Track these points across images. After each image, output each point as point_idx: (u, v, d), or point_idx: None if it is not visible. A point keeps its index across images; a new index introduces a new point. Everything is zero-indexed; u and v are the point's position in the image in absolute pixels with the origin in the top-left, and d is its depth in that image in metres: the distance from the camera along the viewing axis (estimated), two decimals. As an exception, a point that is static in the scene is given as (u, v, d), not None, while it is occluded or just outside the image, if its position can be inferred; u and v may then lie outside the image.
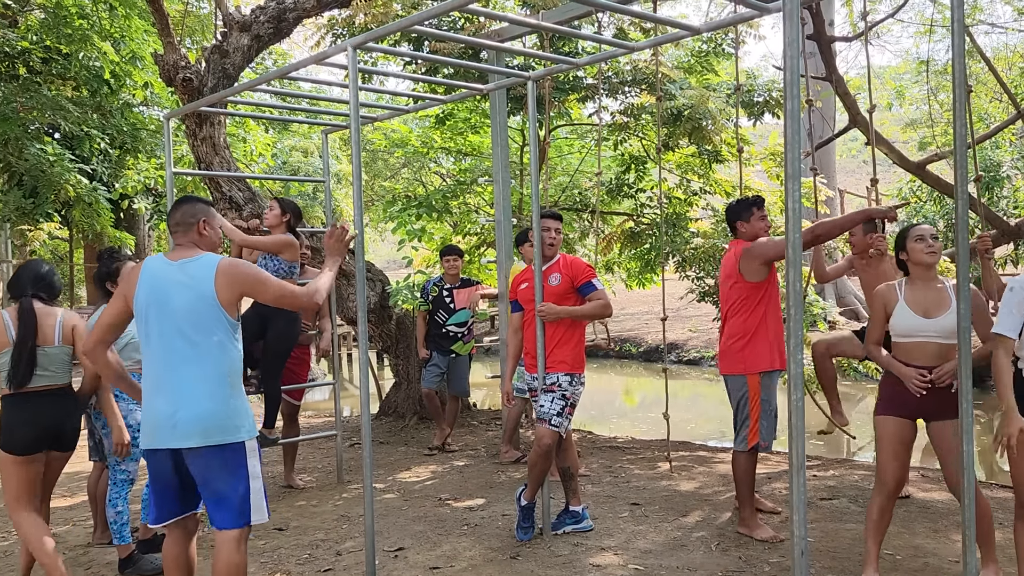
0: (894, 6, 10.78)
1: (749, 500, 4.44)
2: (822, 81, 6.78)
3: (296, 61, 4.37)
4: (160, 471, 3.06)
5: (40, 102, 9.98)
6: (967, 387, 2.89)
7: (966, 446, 2.90)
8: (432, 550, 4.37)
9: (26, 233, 18.14)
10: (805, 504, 2.54)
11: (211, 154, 6.93)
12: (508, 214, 6.92)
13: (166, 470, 3.04)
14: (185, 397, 2.98)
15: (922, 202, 14.92)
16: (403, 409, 8.30)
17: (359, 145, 3.93)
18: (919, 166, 6.80)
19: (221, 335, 3.03)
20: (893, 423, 3.57)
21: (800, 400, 2.53)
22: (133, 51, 10.76)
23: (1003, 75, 12.30)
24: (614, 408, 12.43)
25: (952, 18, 2.86)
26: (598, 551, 4.26)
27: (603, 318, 4.47)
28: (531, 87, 4.58)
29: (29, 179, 10.53)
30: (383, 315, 7.98)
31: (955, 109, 2.86)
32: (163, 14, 7.01)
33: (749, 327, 4.35)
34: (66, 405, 3.92)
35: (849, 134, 7.32)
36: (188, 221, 3.19)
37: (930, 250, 3.53)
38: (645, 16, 5.71)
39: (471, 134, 10.49)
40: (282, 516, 5.15)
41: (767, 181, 9.16)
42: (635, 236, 9.17)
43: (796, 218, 2.52)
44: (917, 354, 3.52)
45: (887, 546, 4.13)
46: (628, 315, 19.15)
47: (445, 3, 3.67)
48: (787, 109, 2.52)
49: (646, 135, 9.01)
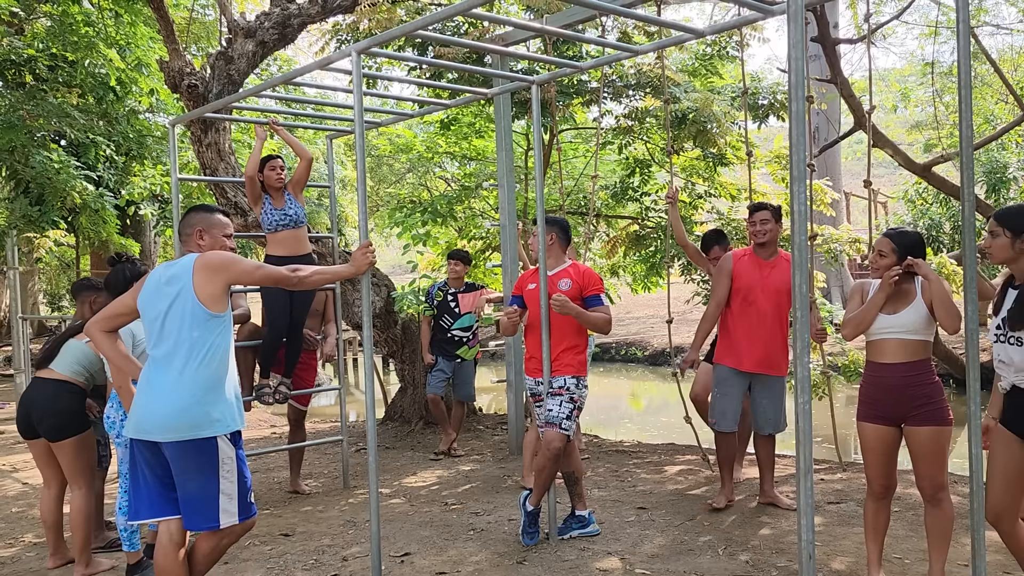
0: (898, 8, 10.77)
1: (724, 472, 5.11)
2: (827, 83, 6.77)
3: (301, 67, 4.38)
4: (135, 462, 3.18)
5: (46, 110, 10.01)
6: (975, 389, 2.88)
7: (974, 448, 2.88)
8: (438, 555, 4.36)
9: (32, 240, 18.20)
10: (812, 508, 2.52)
11: (216, 160, 6.95)
12: (513, 218, 6.92)
13: (141, 462, 3.15)
14: (163, 391, 3.09)
15: (928, 204, 14.88)
16: (409, 414, 8.30)
17: (363, 150, 3.93)
18: (925, 168, 6.78)
19: (201, 331, 3.13)
20: (872, 430, 3.57)
21: (807, 404, 2.52)
22: (139, 58, 10.79)
23: (1009, 76, 12.27)
24: (620, 412, 12.41)
25: (957, 19, 2.86)
26: (604, 555, 4.25)
27: (602, 332, 4.47)
28: (535, 91, 4.58)
29: (35, 186, 10.54)
30: (388, 320, 7.98)
31: (960, 111, 2.85)
32: (168, 21, 7.04)
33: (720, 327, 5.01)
34: (54, 394, 4.22)
35: (855, 136, 7.30)
36: (186, 232, 3.39)
37: (874, 265, 3.57)
38: (649, 20, 5.70)
39: (476, 138, 10.50)
40: (288, 522, 5.15)
41: (772, 184, 9.14)
42: (640, 239, 9.16)
43: (801, 220, 2.51)
44: (885, 350, 3.51)
45: (896, 550, 4.11)
46: (633, 319, 19.12)
47: (449, 8, 3.67)
48: (791, 111, 2.51)
49: (650, 139, 9.00)
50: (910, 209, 15.45)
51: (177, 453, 3.07)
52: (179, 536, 3.19)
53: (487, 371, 14.96)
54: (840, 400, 9.44)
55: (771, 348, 4.85)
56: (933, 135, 16.10)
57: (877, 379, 3.54)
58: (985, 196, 13.34)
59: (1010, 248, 3.10)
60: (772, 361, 4.86)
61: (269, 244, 5.48)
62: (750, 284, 4.83)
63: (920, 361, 3.47)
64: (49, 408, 4.21)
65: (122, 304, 3.40)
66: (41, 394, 4.26)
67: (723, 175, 9.01)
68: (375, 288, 7.79)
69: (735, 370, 4.91)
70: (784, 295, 4.82)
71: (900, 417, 3.50)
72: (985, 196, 13.34)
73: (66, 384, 4.27)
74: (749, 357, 4.85)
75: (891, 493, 3.67)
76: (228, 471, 3.13)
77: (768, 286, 4.82)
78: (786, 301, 4.82)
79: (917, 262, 3.42)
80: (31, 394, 4.30)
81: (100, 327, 3.39)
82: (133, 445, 3.19)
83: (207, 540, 3.20)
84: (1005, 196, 13.59)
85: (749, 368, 4.87)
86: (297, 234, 5.48)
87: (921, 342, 3.46)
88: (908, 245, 3.48)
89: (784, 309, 4.84)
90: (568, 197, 10.14)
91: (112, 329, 3.42)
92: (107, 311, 3.44)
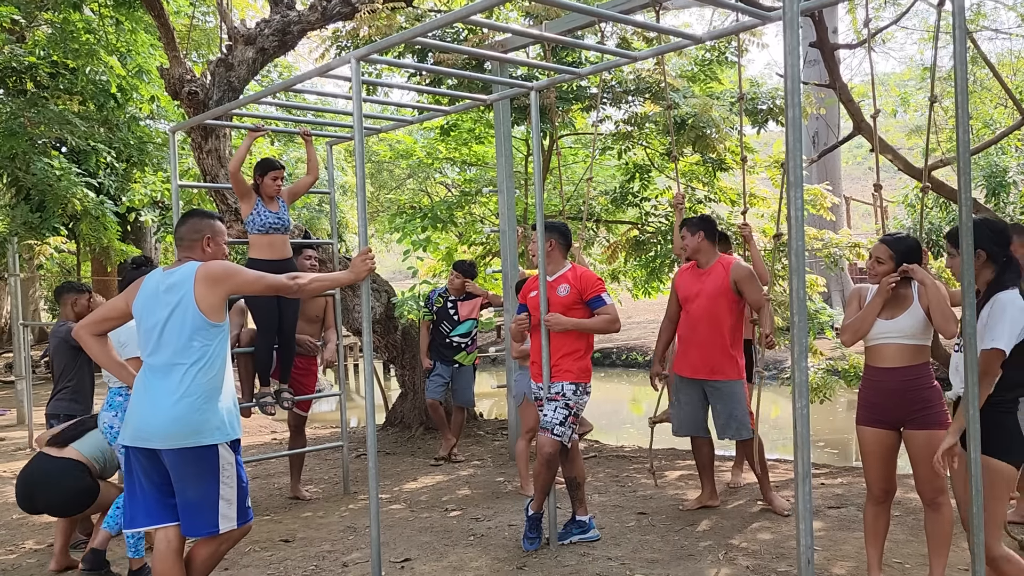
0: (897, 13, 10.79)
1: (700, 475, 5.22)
2: (826, 88, 6.78)
3: (301, 73, 4.40)
4: (132, 469, 3.16)
5: (47, 117, 10.04)
6: (973, 393, 2.87)
7: (973, 453, 2.88)
8: (439, 560, 4.36)
9: (33, 247, 18.21)
10: (811, 513, 2.52)
11: (216, 166, 6.96)
12: (513, 224, 6.93)
13: (137, 469, 3.14)
14: (162, 399, 3.07)
15: (928, 208, 14.88)
16: (409, 419, 8.29)
17: (363, 156, 3.95)
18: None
19: (202, 339, 3.12)
20: (871, 433, 3.58)
21: (805, 408, 2.52)
22: (139, 65, 10.83)
23: (1008, 80, 12.28)
24: (621, 417, 12.40)
25: (953, 25, 2.86)
26: (604, 561, 4.25)
27: (609, 333, 4.50)
28: (534, 97, 4.59)
29: (36, 193, 10.57)
30: (389, 325, 7.98)
31: (958, 115, 2.85)
32: (168, 28, 7.06)
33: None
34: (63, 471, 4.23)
35: (854, 141, 7.31)
36: (192, 237, 3.31)
37: (872, 271, 3.58)
38: (648, 26, 5.73)
39: (475, 144, 10.52)
40: (288, 528, 5.15)
41: (772, 189, 9.15)
42: (640, 245, 9.16)
43: (799, 226, 2.52)
44: (883, 355, 3.52)
45: (896, 555, 4.11)
46: (635, 324, 19.10)
47: (448, 15, 3.69)
48: (788, 117, 2.52)
49: (650, 144, 9.01)
50: (910, 213, 15.44)
51: (177, 460, 3.07)
52: (177, 543, 3.18)
53: (488, 376, 14.95)
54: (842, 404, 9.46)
55: (710, 353, 4.88)
56: (932, 140, 16.10)
57: (876, 383, 3.55)
58: (985, 200, 13.33)
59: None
60: (714, 366, 4.89)
61: (254, 246, 5.39)
62: (687, 295, 5.00)
63: (918, 365, 3.48)
64: (54, 487, 4.20)
65: (113, 308, 3.37)
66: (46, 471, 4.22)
67: (723, 180, 9.02)
68: (375, 294, 7.80)
69: (684, 377, 5.05)
70: (719, 299, 4.86)
71: (899, 421, 3.51)
72: (985, 200, 13.33)
73: (80, 464, 4.26)
74: (692, 363, 4.97)
75: (891, 497, 3.67)
76: (228, 476, 3.14)
77: (703, 293, 4.91)
78: (724, 306, 4.87)
79: (913, 268, 3.42)
80: (33, 472, 4.26)
81: (90, 331, 3.37)
82: (129, 453, 3.17)
83: (205, 546, 3.20)
84: (1005, 200, 13.59)
85: (691, 374, 4.98)
86: (285, 239, 5.48)
87: (919, 347, 3.47)
88: (904, 251, 3.48)
89: (720, 314, 4.86)
90: (568, 202, 10.16)
91: (102, 333, 3.41)
92: (97, 315, 3.40)
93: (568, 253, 4.64)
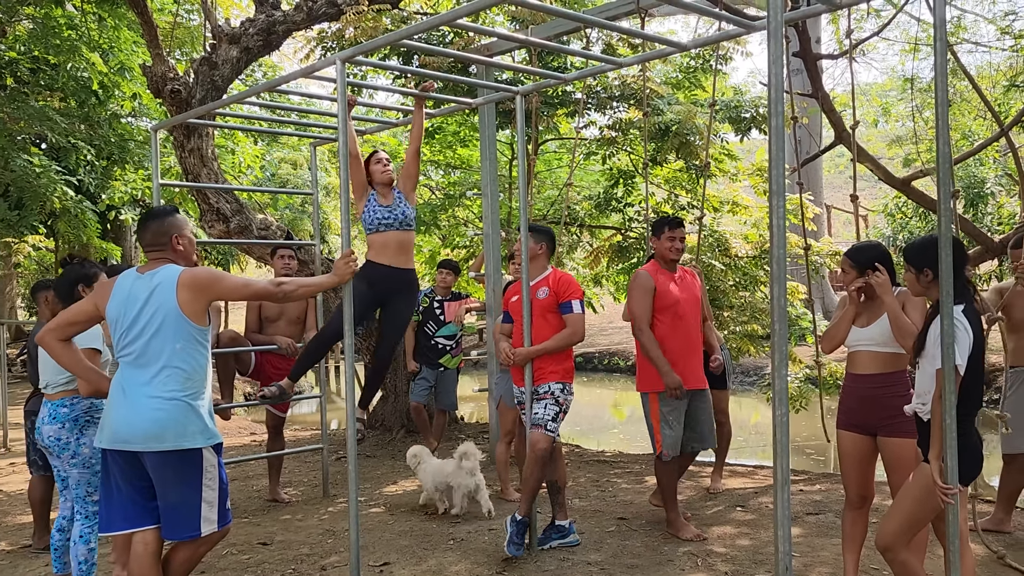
0: (880, 24, 10.91)
1: (671, 503, 4.72)
2: (808, 98, 6.83)
3: (285, 74, 4.38)
4: (110, 472, 3.11)
5: (27, 113, 9.93)
6: (951, 402, 2.90)
7: (950, 461, 2.91)
8: (418, 565, 4.34)
9: (10, 245, 18.01)
10: (790, 520, 2.54)
11: (199, 166, 6.91)
12: (497, 227, 6.93)
13: (115, 472, 3.09)
14: (143, 402, 3.03)
15: (907, 218, 15.04)
16: (390, 422, 8.26)
17: (347, 158, 3.93)
18: (904, 182, 6.85)
19: (184, 342, 3.09)
20: (848, 438, 3.63)
21: (784, 416, 2.54)
22: (122, 62, 10.74)
23: (987, 93, 12.45)
24: (602, 422, 12.42)
25: (935, 37, 2.90)
26: (584, 566, 4.25)
27: (574, 344, 4.47)
28: (519, 101, 4.60)
29: (15, 191, 10.46)
30: (370, 328, 7.95)
31: (937, 126, 2.88)
32: (152, 25, 7.00)
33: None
34: None
35: (836, 150, 7.37)
36: (160, 241, 3.22)
37: (840, 282, 3.65)
38: (633, 33, 5.75)
39: (460, 147, 10.54)
40: (267, 530, 5.11)
41: (755, 197, 9.22)
42: (623, 250, 9.20)
43: (781, 234, 2.54)
44: (859, 362, 3.59)
45: (874, 561, 4.14)
46: (616, 328, 19.14)
47: (435, 18, 3.69)
48: (771, 126, 2.54)
49: (634, 150, 9.05)
50: (890, 223, 15.61)
51: (160, 463, 3.03)
52: (155, 545, 3.14)
53: (469, 380, 14.93)
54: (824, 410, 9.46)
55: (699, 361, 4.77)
56: (912, 150, 16.30)
57: (853, 389, 3.63)
58: (963, 211, 13.49)
59: (916, 283, 3.21)
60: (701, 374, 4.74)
61: (369, 247, 4.72)
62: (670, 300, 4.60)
63: (892, 373, 3.52)
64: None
65: (80, 311, 3.26)
66: None
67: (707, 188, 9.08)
68: (357, 296, 7.76)
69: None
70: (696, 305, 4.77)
71: (873, 427, 3.56)
72: (963, 211, 13.49)
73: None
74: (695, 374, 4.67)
75: (868, 503, 3.70)
76: (210, 479, 3.11)
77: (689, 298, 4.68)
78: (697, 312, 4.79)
79: (874, 279, 3.45)
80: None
81: (55, 335, 3.23)
82: (107, 456, 3.12)
83: (184, 549, 3.17)
84: (983, 211, 13.76)
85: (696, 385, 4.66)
86: (402, 238, 4.70)
87: (892, 355, 3.51)
88: (865, 261, 3.53)
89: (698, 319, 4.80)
90: (552, 206, 10.18)
91: (67, 338, 3.28)
92: (61, 318, 3.26)
93: (551, 258, 4.67)
